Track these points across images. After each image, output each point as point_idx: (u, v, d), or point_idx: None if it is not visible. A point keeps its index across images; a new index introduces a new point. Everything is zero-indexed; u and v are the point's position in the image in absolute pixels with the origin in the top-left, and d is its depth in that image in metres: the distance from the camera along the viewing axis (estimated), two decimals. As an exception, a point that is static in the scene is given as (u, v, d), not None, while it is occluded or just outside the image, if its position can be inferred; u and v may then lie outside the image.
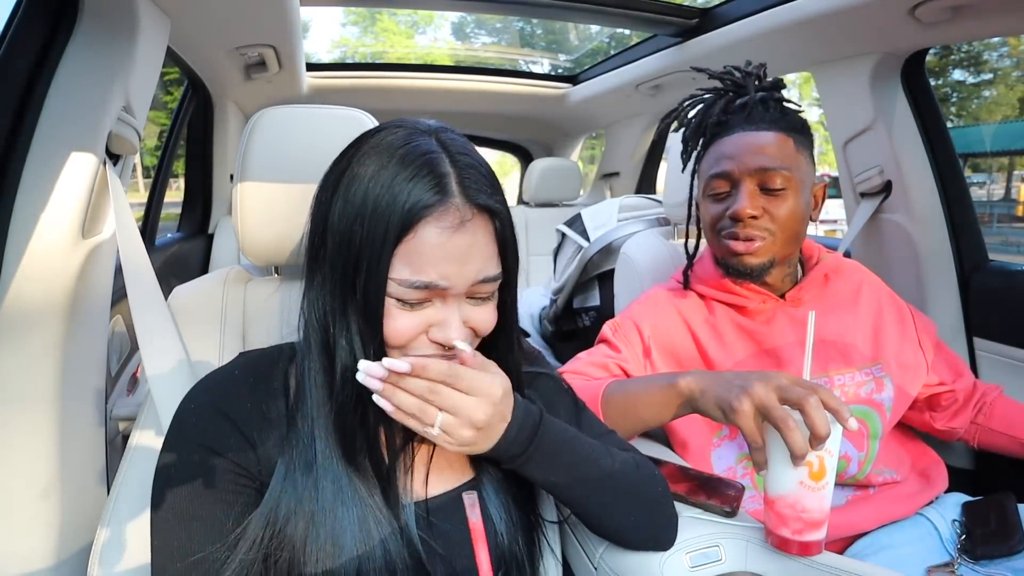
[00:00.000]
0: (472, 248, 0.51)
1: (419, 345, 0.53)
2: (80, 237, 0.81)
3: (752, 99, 0.89)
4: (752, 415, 0.64)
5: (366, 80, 2.37)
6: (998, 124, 5.44)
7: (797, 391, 0.61)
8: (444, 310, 0.52)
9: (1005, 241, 5.24)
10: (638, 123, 2.54)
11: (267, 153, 0.81)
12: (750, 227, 0.86)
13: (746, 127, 0.88)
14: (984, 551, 0.85)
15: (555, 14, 1.78)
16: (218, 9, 1.28)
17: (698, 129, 0.94)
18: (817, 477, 0.62)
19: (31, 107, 0.79)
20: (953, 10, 1.09)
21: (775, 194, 0.86)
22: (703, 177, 0.93)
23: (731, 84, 0.93)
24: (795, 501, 0.63)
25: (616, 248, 1.47)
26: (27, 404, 0.77)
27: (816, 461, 0.61)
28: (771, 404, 0.62)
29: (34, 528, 0.77)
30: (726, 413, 0.67)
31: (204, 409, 0.55)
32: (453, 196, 0.50)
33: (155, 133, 2.64)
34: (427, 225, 0.49)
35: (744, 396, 0.64)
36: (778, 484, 0.64)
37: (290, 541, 0.53)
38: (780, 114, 0.89)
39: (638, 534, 0.65)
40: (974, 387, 1.03)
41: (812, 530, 0.63)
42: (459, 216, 0.50)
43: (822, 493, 0.62)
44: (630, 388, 0.80)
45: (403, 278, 0.50)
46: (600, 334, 0.99)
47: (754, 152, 0.86)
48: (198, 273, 1.86)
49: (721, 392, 0.68)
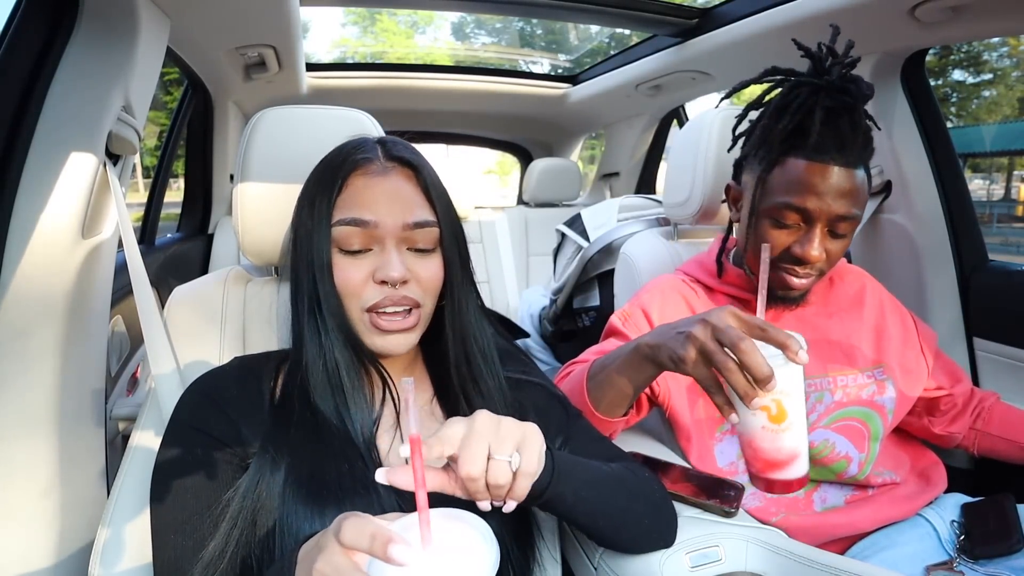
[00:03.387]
0: (396, 192, 0.61)
1: (369, 292, 0.60)
2: (80, 237, 0.81)
3: (855, 114, 0.80)
4: (698, 361, 0.61)
5: (366, 80, 2.37)
6: (998, 124, 5.43)
7: (732, 333, 0.57)
8: (384, 255, 0.60)
9: (1005, 241, 5.24)
10: (638, 123, 2.53)
11: (267, 153, 0.81)
12: (809, 267, 0.84)
13: (838, 158, 0.79)
14: (983, 551, 0.85)
15: (555, 14, 1.78)
16: (218, 9, 1.28)
17: (795, 133, 0.82)
18: (777, 420, 0.58)
19: (31, 107, 0.78)
20: (953, 10, 1.09)
21: (838, 237, 0.83)
22: (771, 192, 0.83)
23: (825, 78, 0.80)
24: (760, 444, 0.60)
25: (616, 248, 1.47)
26: (27, 404, 0.77)
27: (772, 405, 0.58)
28: (711, 349, 0.59)
29: (34, 528, 0.77)
30: (677, 365, 0.64)
31: (193, 396, 0.62)
32: (377, 154, 0.63)
33: (155, 133, 2.64)
34: (356, 176, 0.61)
35: (688, 344, 0.62)
36: (742, 427, 0.61)
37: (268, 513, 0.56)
38: (865, 142, 0.82)
39: (650, 537, 0.66)
40: (972, 393, 1.04)
41: (775, 470, 0.60)
42: (381, 166, 0.62)
43: (788, 434, 0.59)
44: (607, 362, 0.78)
45: (340, 217, 0.60)
46: (608, 326, 0.98)
47: (841, 197, 0.79)
48: (198, 273, 1.86)
49: (670, 344, 0.65)
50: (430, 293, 0.63)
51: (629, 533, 0.64)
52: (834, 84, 0.79)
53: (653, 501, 0.66)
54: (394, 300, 0.60)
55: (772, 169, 0.84)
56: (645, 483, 0.66)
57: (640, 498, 0.64)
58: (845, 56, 0.81)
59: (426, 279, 0.62)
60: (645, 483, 0.66)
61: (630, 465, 0.68)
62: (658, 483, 0.69)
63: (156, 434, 0.74)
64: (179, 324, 0.80)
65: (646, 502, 0.65)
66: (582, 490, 0.57)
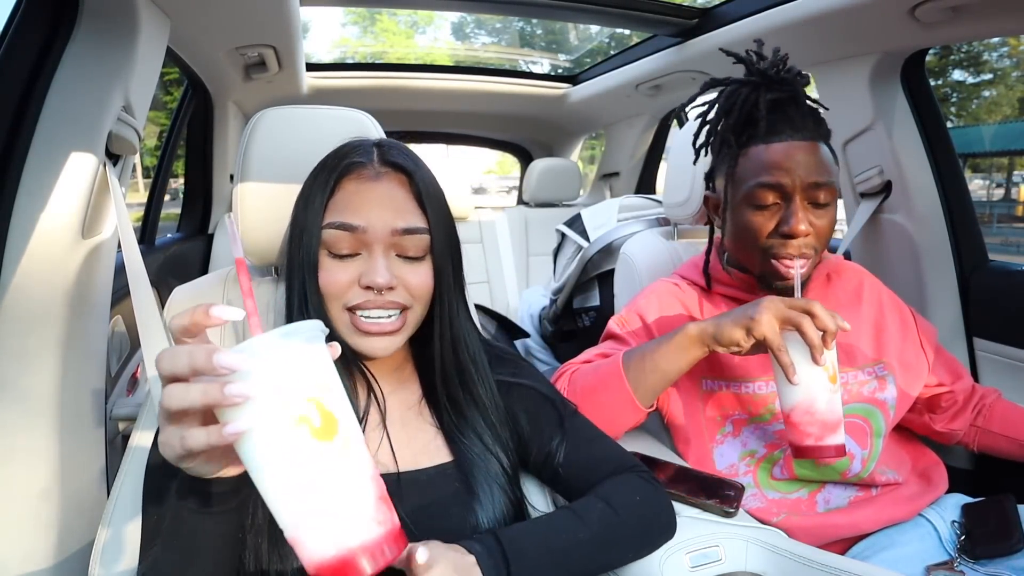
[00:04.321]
0: (387, 198, 0.61)
1: (353, 295, 0.60)
2: (80, 237, 0.81)
3: (798, 99, 0.85)
4: (771, 323, 0.72)
5: (366, 80, 2.37)
6: (998, 124, 5.43)
7: (799, 302, 0.73)
8: (371, 260, 0.60)
9: (1005, 241, 5.24)
10: (638, 123, 2.53)
11: (267, 153, 0.81)
12: (801, 245, 0.84)
13: (793, 135, 0.83)
14: (983, 551, 0.85)
15: (555, 14, 1.78)
16: (218, 9, 1.28)
17: (746, 124, 0.86)
18: (833, 379, 0.73)
19: (31, 107, 0.79)
20: (953, 10, 1.09)
21: (820, 208, 0.84)
22: (742, 182, 0.86)
23: (760, 75, 0.86)
24: (811, 405, 0.73)
25: (616, 248, 1.47)
26: (27, 404, 0.77)
27: (831, 366, 0.72)
28: (786, 311, 0.72)
29: (34, 528, 0.77)
30: (749, 329, 0.73)
31: None
32: (372, 158, 0.63)
33: (155, 133, 2.64)
34: (349, 181, 0.62)
35: (761, 309, 0.73)
36: (804, 389, 0.73)
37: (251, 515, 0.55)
38: (816, 121, 0.86)
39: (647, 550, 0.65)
40: (973, 390, 1.03)
41: (831, 433, 0.73)
42: (374, 171, 0.62)
43: (837, 396, 0.73)
44: (646, 349, 0.83)
45: (330, 221, 0.60)
46: (606, 330, 0.99)
47: (808, 166, 0.82)
48: (198, 273, 1.86)
49: (736, 316, 0.75)
50: (419, 299, 0.63)
51: (620, 565, 0.64)
52: (771, 77, 0.85)
53: (640, 527, 0.64)
54: (378, 304, 0.60)
55: (737, 163, 0.88)
56: (630, 510, 0.63)
57: (622, 541, 0.62)
58: (774, 56, 0.87)
59: (415, 286, 0.62)
60: (630, 510, 0.63)
61: (615, 486, 0.65)
62: (650, 490, 0.66)
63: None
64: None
65: (631, 537, 0.63)
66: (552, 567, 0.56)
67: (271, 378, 0.37)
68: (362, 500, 0.40)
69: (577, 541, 0.59)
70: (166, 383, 0.38)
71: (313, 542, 0.38)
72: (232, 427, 0.37)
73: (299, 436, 0.38)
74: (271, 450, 0.38)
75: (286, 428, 0.38)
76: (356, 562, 0.38)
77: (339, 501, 0.39)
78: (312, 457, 0.38)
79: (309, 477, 0.38)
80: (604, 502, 0.63)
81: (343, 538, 0.39)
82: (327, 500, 0.39)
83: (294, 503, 0.38)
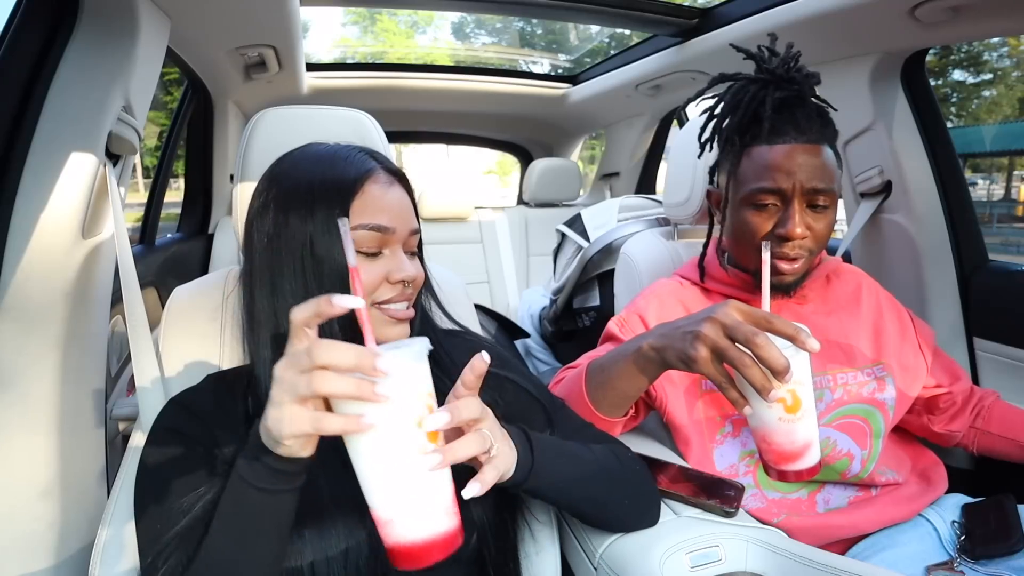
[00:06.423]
0: (402, 201, 0.65)
1: (382, 291, 0.62)
2: (80, 237, 0.81)
3: (805, 100, 0.84)
4: (710, 359, 0.62)
5: (366, 80, 2.37)
6: (998, 124, 5.43)
7: (744, 329, 0.59)
8: (395, 257, 0.63)
9: (1005, 241, 5.24)
10: (638, 123, 2.53)
11: (267, 153, 0.80)
12: (797, 247, 0.84)
13: (798, 137, 0.83)
14: (983, 551, 0.85)
15: (555, 14, 1.78)
16: (218, 9, 1.28)
17: (751, 123, 0.86)
18: (792, 410, 0.61)
19: (31, 107, 0.79)
20: (953, 10, 1.09)
21: (819, 211, 0.84)
22: (743, 182, 0.86)
23: (769, 73, 0.85)
24: (765, 435, 0.64)
25: (616, 248, 1.47)
26: (27, 404, 0.77)
27: (788, 395, 0.60)
28: (724, 345, 0.60)
29: (34, 528, 0.77)
30: (688, 365, 0.65)
31: (171, 406, 0.65)
32: (380, 165, 0.65)
33: (155, 133, 2.64)
34: (371, 183, 0.62)
35: (697, 343, 0.63)
36: (757, 420, 0.63)
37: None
38: (823, 123, 0.85)
39: (633, 518, 0.70)
40: (971, 391, 1.04)
41: (790, 462, 0.63)
42: (386, 176, 0.65)
43: (802, 423, 0.61)
44: (606, 364, 0.80)
45: (362, 222, 0.60)
46: (605, 331, 0.98)
47: (809, 171, 0.82)
48: (198, 273, 1.86)
49: (677, 344, 0.66)
50: (418, 289, 0.68)
51: (611, 515, 0.69)
52: (779, 76, 0.84)
53: (635, 484, 0.70)
54: (404, 296, 0.64)
55: (739, 162, 0.87)
56: (627, 465, 0.70)
57: (621, 483, 0.68)
58: (787, 53, 0.85)
59: (418, 280, 0.66)
60: (627, 465, 0.70)
61: (614, 448, 0.71)
62: (640, 464, 0.72)
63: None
64: (179, 324, 0.80)
65: (627, 485, 0.69)
66: (561, 483, 0.62)
67: (406, 385, 0.44)
68: (448, 493, 0.47)
69: (585, 460, 0.65)
70: (313, 369, 0.42)
71: (403, 527, 0.45)
72: (368, 419, 0.43)
73: (417, 435, 0.45)
74: (391, 444, 0.44)
75: (408, 427, 0.45)
76: (437, 546, 0.46)
77: (434, 493, 0.46)
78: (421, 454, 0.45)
79: (416, 470, 0.45)
80: (609, 449, 0.70)
81: (431, 525, 0.46)
82: (425, 491, 0.46)
83: (396, 491, 0.45)
